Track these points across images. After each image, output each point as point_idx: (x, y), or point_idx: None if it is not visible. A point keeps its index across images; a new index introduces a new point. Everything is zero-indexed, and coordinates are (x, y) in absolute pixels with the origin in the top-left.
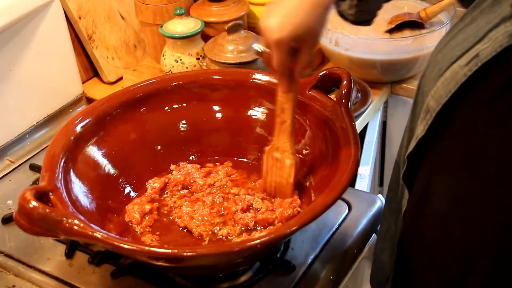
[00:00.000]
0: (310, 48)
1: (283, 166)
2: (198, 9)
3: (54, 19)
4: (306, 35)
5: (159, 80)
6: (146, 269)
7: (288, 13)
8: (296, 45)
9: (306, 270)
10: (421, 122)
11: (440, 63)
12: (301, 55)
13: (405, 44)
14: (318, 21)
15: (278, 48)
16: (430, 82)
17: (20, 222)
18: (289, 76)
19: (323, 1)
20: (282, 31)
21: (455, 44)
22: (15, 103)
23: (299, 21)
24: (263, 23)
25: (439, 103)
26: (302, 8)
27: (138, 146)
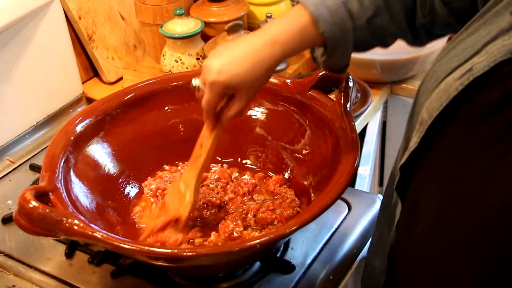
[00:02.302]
0: (242, 98)
1: (183, 199)
2: (198, 9)
3: (54, 19)
4: (240, 87)
5: (159, 80)
6: (146, 269)
7: (230, 61)
8: (229, 92)
9: (306, 270)
10: (415, 133)
11: (437, 74)
12: (233, 103)
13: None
14: (255, 78)
15: (211, 89)
16: (426, 92)
17: (20, 222)
18: (216, 117)
19: (264, 62)
20: (219, 75)
21: (454, 54)
22: (15, 103)
23: (237, 73)
24: (206, 61)
25: (431, 115)
26: (244, 61)
27: (138, 146)
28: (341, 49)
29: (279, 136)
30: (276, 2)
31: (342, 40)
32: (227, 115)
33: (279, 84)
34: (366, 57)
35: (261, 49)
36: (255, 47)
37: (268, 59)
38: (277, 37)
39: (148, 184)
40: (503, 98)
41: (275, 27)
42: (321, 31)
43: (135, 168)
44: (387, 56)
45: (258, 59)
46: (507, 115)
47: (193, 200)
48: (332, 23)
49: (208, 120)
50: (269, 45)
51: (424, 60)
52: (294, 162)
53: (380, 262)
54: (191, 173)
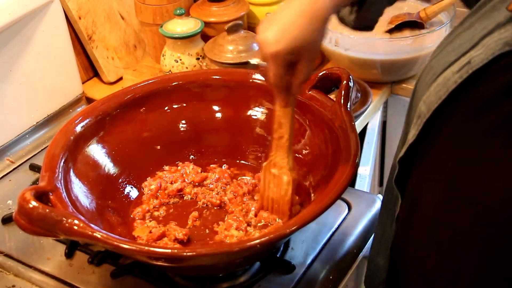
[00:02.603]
0: (308, 61)
1: (281, 182)
2: (198, 9)
3: (54, 19)
4: (303, 48)
5: (159, 80)
6: (146, 269)
7: (285, 26)
8: (293, 59)
9: (306, 270)
10: (413, 127)
11: (435, 68)
12: (299, 68)
13: (405, 44)
14: (315, 34)
15: (274, 61)
16: (424, 86)
17: (20, 222)
18: (286, 90)
19: (320, 14)
20: (278, 44)
21: (451, 49)
22: (15, 103)
23: (296, 34)
24: (259, 36)
25: (429, 109)
26: (299, 21)
27: (138, 146)
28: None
29: None
30: (276, 2)
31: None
32: (297, 83)
33: None
34: (366, 57)
35: (312, 3)
36: (305, 3)
37: (321, 11)
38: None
39: (148, 184)
40: (501, 91)
41: None
42: None
43: (135, 168)
44: (387, 56)
45: (312, 13)
46: (506, 107)
47: (292, 178)
48: None
49: (280, 95)
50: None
51: (424, 60)
52: (294, 162)
53: (383, 260)
54: (280, 154)
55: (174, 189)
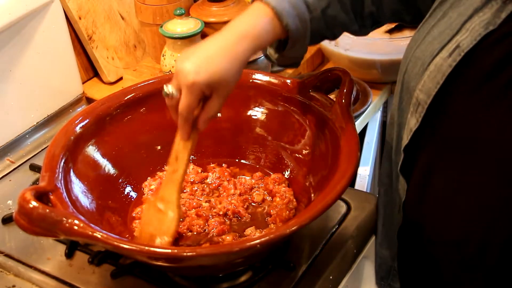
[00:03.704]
0: (220, 97)
1: (165, 219)
2: (198, 9)
3: (54, 19)
4: (219, 84)
5: (159, 80)
6: (146, 269)
7: (206, 59)
8: (207, 92)
9: (306, 270)
10: (412, 115)
11: (422, 58)
12: (210, 103)
13: (405, 44)
14: (233, 74)
15: (189, 91)
16: (415, 77)
17: (20, 222)
18: (192, 124)
19: (240, 56)
20: (197, 75)
21: (432, 38)
22: (15, 103)
23: (216, 69)
24: (178, 65)
25: (429, 95)
26: (221, 59)
27: (138, 146)
28: (301, 42)
29: (279, 136)
30: None
31: (302, 31)
32: (205, 118)
33: (279, 84)
34: (366, 57)
35: (234, 44)
36: (229, 43)
37: (242, 54)
38: (248, 32)
39: (148, 184)
40: (497, 63)
41: (242, 23)
42: (284, 23)
43: (135, 168)
44: (387, 56)
45: (234, 54)
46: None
47: (178, 215)
48: (294, 15)
49: (185, 128)
50: (242, 39)
51: None
52: (294, 162)
53: (388, 249)
54: (170, 189)
55: None
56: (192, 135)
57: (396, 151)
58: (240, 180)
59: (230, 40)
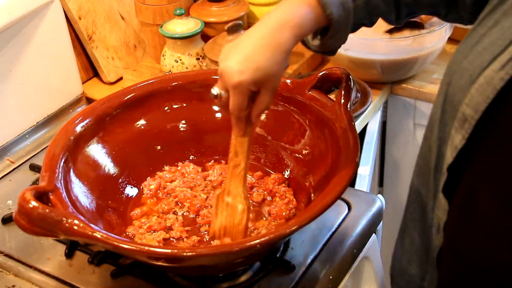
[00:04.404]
0: (269, 91)
1: (235, 211)
2: (198, 9)
3: (54, 19)
4: (265, 79)
5: (159, 80)
6: (146, 269)
7: (248, 56)
8: (255, 89)
9: (306, 270)
10: (457, 131)
11: (470, 70)
12: (260, 98)
13: (405, 44)
14: (278, 66)
15: (237, 91)
16: (461, 90)
17: (20, 222)
18: (245, 120)
19: (283, 46)
20: (242, 74)
21: (482, 49)
22: (15, 103)
23: (259, 65)
24: (221, 65)
25: (477, 110)
26: (263, 52)
27: (138, 146)
28: (343, 31)
29: (279, 136)
30: (276, 2)
31: (344, 20)
32: (257, 112)
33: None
34: (366, 57)
35: (275, 35)
36: (267, 35)
37: (284, 43)
38: (288, 20)
39: (147, 184)
40: None
41: (281, 11)
42: (328, 12)
43: (135, 168)
44: (387, 56)
45: (275, 45)
46: None
47: (247, 206)
48: (338, 4)
49: (239, 126)
50: (282, 28)
51: (424, 60)
52: (294, 162)
53: (417, 269)
54: (234, 183)
55: None
56: (248, 130)
57: (437, 168)
58: None
59: (269, 31)
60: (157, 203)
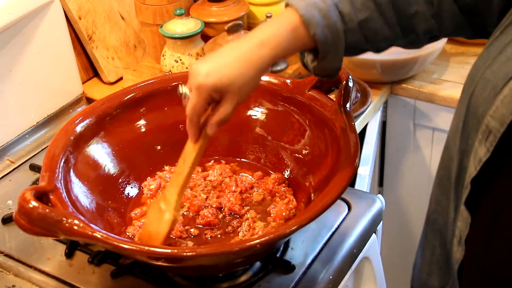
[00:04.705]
0: (230, 104)
1: (161, 219)
2: (198, 9)
3: (54, 19)
4: (229, 89)
5: (159, 80)
6: (146, 269)
7: (220, 64)
8: (217, 97)
9: (306, 270)
10: (481, 144)
11: (493, 81)
12: (220, 108)
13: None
14: (246, 80)
15: (197, 92)
16: (485, 101)
17: (20, 222)
18: (199, 126)
19: (259, 63)
20: (206, 77)
21: (506, 59)
22: (15, 103)
23: (226, 74)
24: (193, 66)
25: (502, 122)
26: (234, 64)
27: (138, 146)
28: (333, 53)
29: (279, 136)
30: (276, 2)
31: (333, 43)
32: (213, 122)
33: (279, 84)
34: (366, 57)
35: (249, 51)
36: (243, 50)
37: (256, 61)
38: (266, 39)
39: (147, 184)
40: None
41: (264, 29)
42: (312, 33)
43: (135, 168)
44: (387, 56)
45: (247, 61)
46: None
47: (173, 218)
48: (324, 25)
49: (192, 129)
50: (258, 46)
51: (424, 60)
52: (294, 162)
53: (437, 280)
54: (172, 190)
55: None
56: (201, 139)
57: (459, 180)
58: (241, 178)
59: (245, 47)
60: None
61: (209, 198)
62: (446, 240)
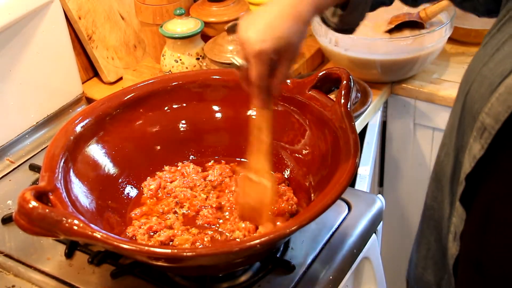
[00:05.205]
0: (289, 61)
1: (261, 188)
2: (198, 9)
3: (54, 19)
4: (286, 49)
5: (159, 80)
6: (146, 269)
7: (269, 25)
8: (276, 58)
9: (306, 270)
10: (476, 140)
11: (490, 78)
12: (280, 68)
13: (405, 44)
14: (298, 35)
15: (258, 60)
16: (480, 98)
17: (19, 222)
18: (267, 91)
19: (303, 17)
20: (264, 42)
21: (502, 56)
22: (15, 103)
23: (281, 34)
24: (242, 35)
25: (497, 120)
26: (283, 21)
27: (138, 146)
28: (362, 6)
29: (279, 136)
30: None
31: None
32: (277, 83)
33: None
34: (366, 57)
35: (295, 6)
36: (288, 5)
37: (304, 14)
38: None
39: (147, 184)
40: None
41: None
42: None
43: (135, 168)
44: (387, 56)
45: (296, 15)
46: None
47: (273, 181)
48: None
49: (262, 95)
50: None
51: (424, 60)
52: (294, 162)
53: (432, 275)
54: (259, 159)
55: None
56: (269, 102)
57: (454, 177)
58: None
59: (288, 2)
60: (157, 203)
61: (209, 198)
62: (441, 236)
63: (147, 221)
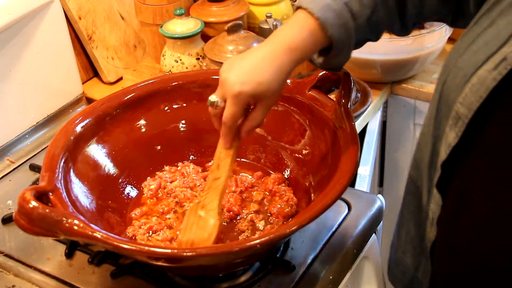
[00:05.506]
0: (264, 108)
1: (206, 225)
2: (198, 9)
3: (54, 19)
4: (265, 94)
5: (159, 80)
6: (146, 269)
7: (252, 69)
8: (252, 103)
9: (306, 270)
10: (451, 129)
11: (464, 69)
12: (254, 114)
13: (405, 44)
14: (278, 84)
15: (236, 100)
16: (455, 89)
17: (20, 222)
18: (235, 133)
19: (285, 67)
20: (243, 85)
21: (477, 48)
22: (15, 103)
23: (262, 79)
24: (224, 75)
25: (470, 109)
26: (266, 69)
27: (138, 146)
28: (346, 49)
29: (279, 136)
30: (276, 2)
31: (346, 40)
32: (248, 127)
33: None
34: (366, 57)
35: (279, 56)
36: (274, 54)
37: (287, 65)
38: (292, 43)
39: (147, 184)
40: None
41: (285, 34)
42: (329, 34)
43: (135, 168)
44: (387, 56)
45: (278, 66)
46: None
47: (219, 222)
48: (338, 25)
49: (228, 136)
50: (287, 51)
51: (424, 60)
52: (294, 162)
53: (411, 259)
54: (211, 196)
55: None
56: (234, 143)
57: (431, 165)
58: (241, 178)
59: (275, 52)
60: (157, 203)
61: None
62: (420, 221)
63: (147, 221)
